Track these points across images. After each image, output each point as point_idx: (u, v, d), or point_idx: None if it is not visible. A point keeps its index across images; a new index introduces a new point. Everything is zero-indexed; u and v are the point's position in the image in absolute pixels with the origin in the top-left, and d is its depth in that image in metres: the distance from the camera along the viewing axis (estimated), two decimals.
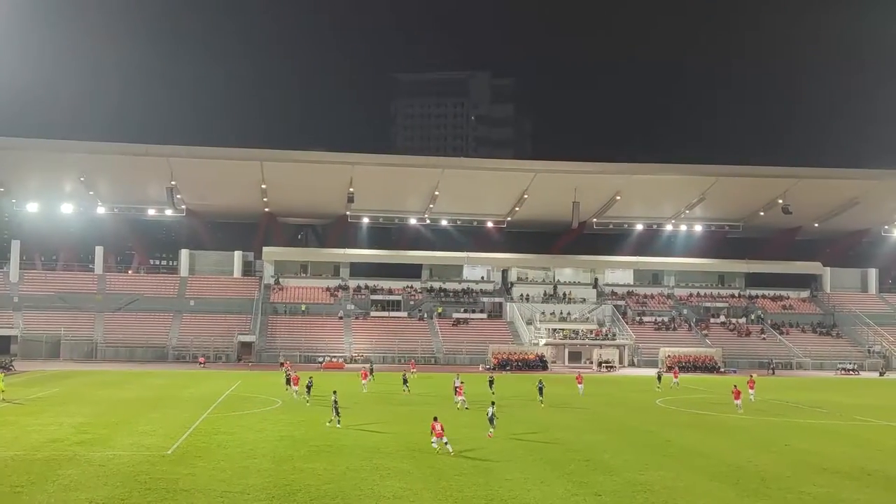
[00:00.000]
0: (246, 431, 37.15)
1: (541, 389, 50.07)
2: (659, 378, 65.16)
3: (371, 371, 64.12)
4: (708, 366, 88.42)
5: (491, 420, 36.98)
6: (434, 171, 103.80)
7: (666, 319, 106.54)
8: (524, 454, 32.82)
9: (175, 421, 40.22)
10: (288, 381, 53.75)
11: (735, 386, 50.35)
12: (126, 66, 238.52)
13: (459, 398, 47.97)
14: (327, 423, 38.76)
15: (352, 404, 47.55)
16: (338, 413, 39.18)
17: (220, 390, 55.48)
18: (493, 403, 38.79)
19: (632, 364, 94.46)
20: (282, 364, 73.25)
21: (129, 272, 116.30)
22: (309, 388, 49.79)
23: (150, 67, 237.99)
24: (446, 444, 32.12)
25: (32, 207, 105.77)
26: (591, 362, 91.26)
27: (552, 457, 32.32)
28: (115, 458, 30.24)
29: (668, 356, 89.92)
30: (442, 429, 32.53)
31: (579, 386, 57.50)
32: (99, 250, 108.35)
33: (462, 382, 50.11)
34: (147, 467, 28.67)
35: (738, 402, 48.32)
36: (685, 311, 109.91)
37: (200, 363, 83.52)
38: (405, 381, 57.00)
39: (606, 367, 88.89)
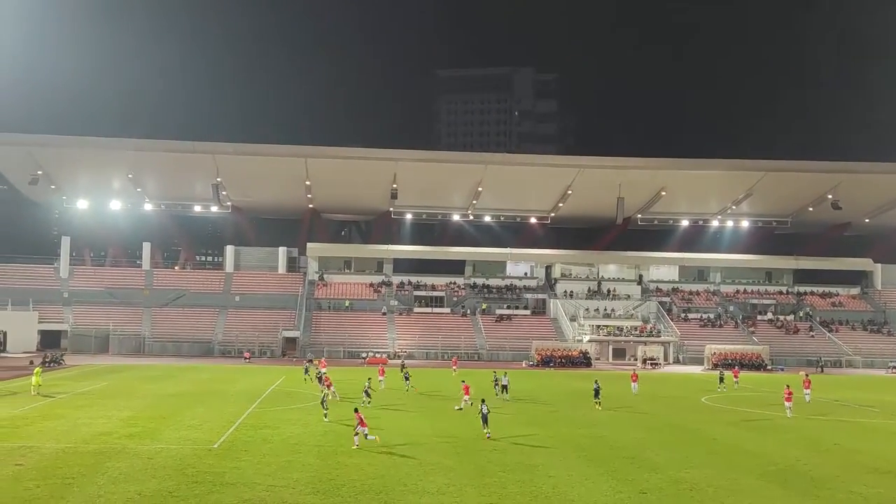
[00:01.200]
0: (290, 426, 37.42)
1: (597, 391, 46.97)
2: (721, 378, 61.74)
3: (403, 367, 63.81)
4: (755, 363, 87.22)
5: (484, 419, 35.52)
6: (477, 167, 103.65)
7: (712, 316, 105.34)
8: (568, 451, 32.66)
9: (221, 415, 40.64)
10: (320, 380, 51.63)
11: (787, 386, 46.52)
12: (172, 64, 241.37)
13: (466, 397, 44.86)
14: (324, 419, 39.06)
15: (395, 400, 47.74)
16: (369, 396, 41.25)
17: (264, 385, 55.96)
18: (483, 401, 37.00)
19: (677, 361, 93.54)
20: (310, 361, 70.98)
21: (176, 268, 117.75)
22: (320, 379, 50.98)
23: (195, 66, 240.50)
24: (367, 435, 32.37)
25: (82, 204, 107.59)
26: (636, 359, 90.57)
27: (596, 454, 32.13)
28: (162, 452, 30.64)
29: (714, 353, 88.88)
30: (362, 420, 32.71)
31: (633, 384, 55.49)
32: (146, 246, 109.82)
33: (465, 381, 48.43)
34: (194, 461, 29.00)
35: (789, 404, 44.57)
36: (731, 308, 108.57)
37: (245, 358, 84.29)
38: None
39: (651, 364, 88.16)
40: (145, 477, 26.40)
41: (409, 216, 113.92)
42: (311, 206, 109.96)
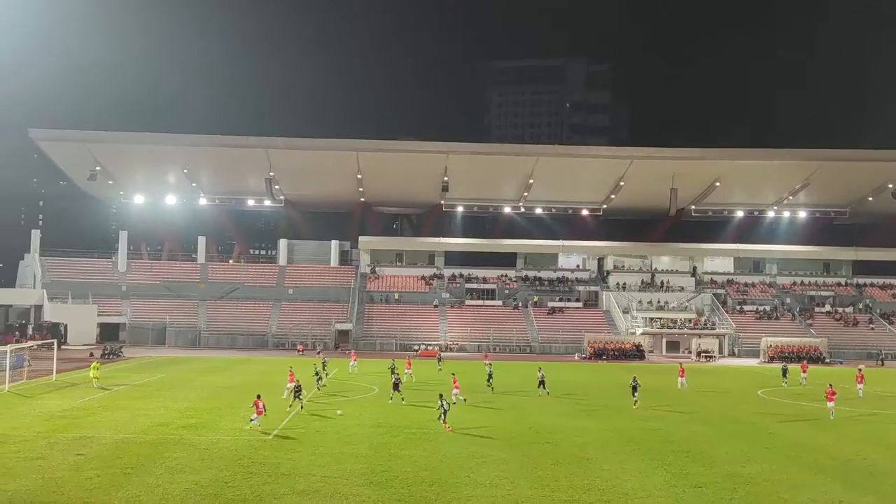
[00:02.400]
0: (343, 418, 37.69)
1: (634, 388, 44.44)
2: (784, 372, 59.35)
3: (440, 360, 63.37)
4: (812, 356, 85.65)
5: (444, 414, 35.16)
6: (528, 159, 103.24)
7: (768, 308, 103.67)
8: (621, 444, 32.45)
9: (275, 407, 41.04)
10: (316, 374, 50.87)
11: (830, 385, 42.95)
12: (225, 61, 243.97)
13: (455, 391, 43.84)
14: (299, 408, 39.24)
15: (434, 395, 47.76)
16: (398, 390, 42.33)
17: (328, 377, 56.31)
18: (441, 396, 36.54)
19: (732, 354, 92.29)
20: (319, 353, 72.38)
21: (231, 261, 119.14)
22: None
23: (248, 63, 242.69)
24: (253, 421, 33.78)
25: (139, 199, 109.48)
26: (690, 352, 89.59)
27: (650, 447, 31.87)
28: (218, 442, 31.08)
29: (771, 346, 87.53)
30: (264, 407, 34.18)
31: (680, 379, 53.95)
32: (201, 240, 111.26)
33: (454, 375, 48.14)
34: (249, 451, 29.38)
35: (832, 404, 41.23)
36: (788, 300, 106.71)
37: (299, 350, 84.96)
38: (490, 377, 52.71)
39: (706, 356, 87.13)
40: (202, 467, 26.82)
41: (460, 209, 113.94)
42: (362, 199, 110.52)
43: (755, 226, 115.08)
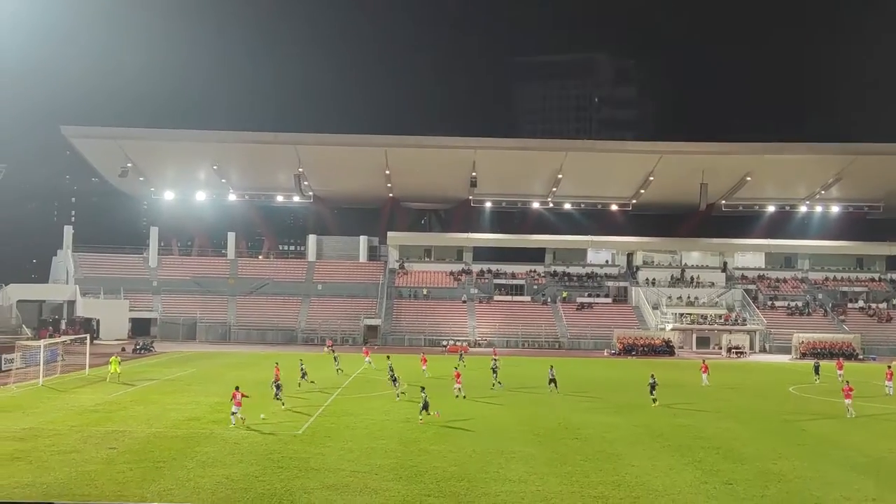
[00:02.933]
0: (373, 413, 37.79)
1: (653, 386, 43.19)
2: (816, 369, 57.82)
3: (461, 357, 63.26)
4: (845, 353, 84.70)
5: (425, 406, 35.51)
6: (557, 155, 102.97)
7: (800, 304, 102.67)
8: (651, 440, 32.29)
9: (305, 402, 41.26)
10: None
11: (847, 383, 41.91)
12: (253, 59, 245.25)
13: (457, 386, 44.18)
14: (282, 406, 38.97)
15: (474, 390, 47.82)
16: (396, 382, 42.46)
17: (347, 372, 56.58)
18: (422, 388, 37.25)
19: (763, 350, 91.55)
20: (330, 347, 75.11)
21: (260, 257, 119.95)
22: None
23: (275, 62, 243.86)
24: (234, 413, 33.84)
25: (169, 195, 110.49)
26: (720, 348, 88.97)
27: (680, 443, 31.69)
28: (248, 437, 31.29)
29: (803, 342, 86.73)
30: (241, 398, 34.14)
31: (703, 376, 53.22)
32: (231, 236, 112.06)
33: (458, 368, 47.94)
34: (279, 446, 29.54)
35: (849, 402, 39.75)
36: (820, 296, 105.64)
37: (328, 346, 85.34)
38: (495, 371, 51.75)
39: (736, 352, 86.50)
40: (232, 461, 27.01)
41: (488, 204, 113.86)
42: (390, 195, 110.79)
43: (787, 220, 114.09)
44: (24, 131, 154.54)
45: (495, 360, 55.48)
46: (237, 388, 35.10)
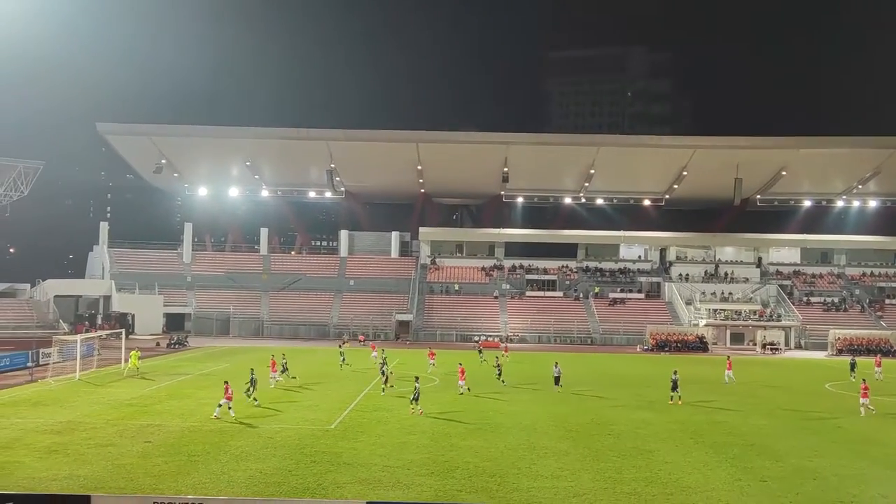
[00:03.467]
0: (404, 408, 37.81)
1: (675, 383, 41.96)
2: (852, 367, 56.43)
3: (481, 352, 62.57)
4: (882, 349, 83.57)
5: (415, 398, 36.43)
6: (590, 149, 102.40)
7: (836, 300, 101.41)
8: (685, 437, 32.06)
9: (337, 397, 41.45)
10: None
11: (864, 381, 41.19)
12: (285, 56, 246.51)
13: (461, 382, 43.72)
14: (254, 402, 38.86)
15: (499, 385, 47.79)
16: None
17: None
18: (416, 378, 38.69)
19: (798, 346, 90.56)
20: (345, 342, 74.73)
21: (292, 253, 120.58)
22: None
23: (308, 57, 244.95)
24: (221, 406, 34.32)
25: (203, 191, 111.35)
26: (755, 344, 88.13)
27: (714, 440, 31.44)
28: (281, 432, 31.47)
29: (839, 338, 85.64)
30: (232, 394, 34.63)
31: (728, 372, 52.16)
32: (264, 232, 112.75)
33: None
34: (312, 441, 29.68)
35: (865, 400, 38.75)
36: (857, 292, 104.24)
37: (360, 341, 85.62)
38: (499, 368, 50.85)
39: (771, 349, 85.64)
40: (265, 455, 27.19)
41: (520, 199, 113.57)
42: (422, 190, 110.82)
43: (823, 215, 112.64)
44: (61, 129, 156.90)
45: (502, 356, 55.23)
46: (226, 383, 35.85)
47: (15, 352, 55.75)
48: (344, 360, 57.02)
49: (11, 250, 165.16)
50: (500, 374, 49.48)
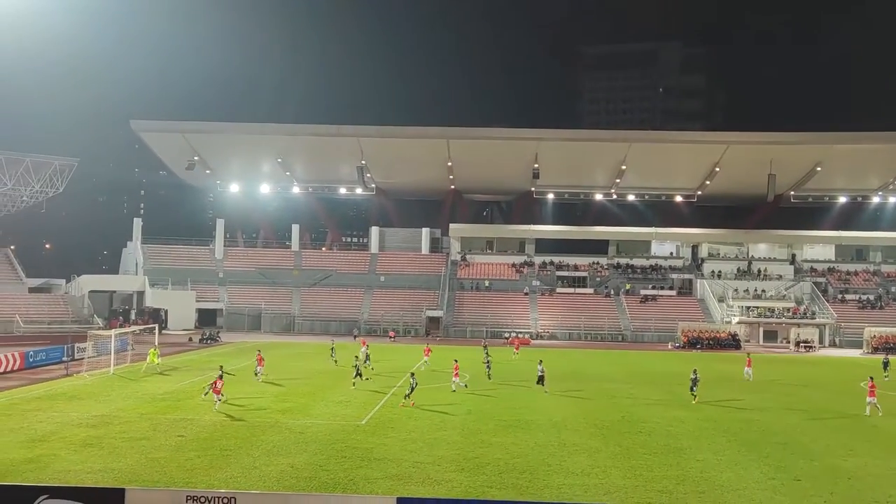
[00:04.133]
0: (435, 404, 37.89)
1: (694, 382, 41.26)
2: (885, 365, 55.62)
3: (485, 348, 61.94)
4: None
5: (412, 390, 37.54)
6: (621, 146, 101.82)
7: (871, 298, 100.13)
8: (717, 435, 31.83)
9: (368, 392, 41.56)
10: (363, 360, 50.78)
11: (871, 378, 40.07)
12: (317, 52, 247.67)
13: (455, 379, 43.22)
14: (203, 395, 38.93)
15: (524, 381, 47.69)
16: (360, 374, 42.29)
17: (409, 364, 56.77)
18: (412, 374, 39.05)
19: (833, 344, 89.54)
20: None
21: (323, 249, 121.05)
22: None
23: (339, 56, 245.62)
24: (218, 401, 35.20)
25: (234, 188, 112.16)
26: (788, 342, 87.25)
27: (747, 438, 31.18)
28: (312, 427, 31.62)
29: (874, 336, 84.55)
30: (221, 387, 35.36)
31: (747, 369, 51.10)
32: (295, 228, 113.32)
33: (456, 361, 47.01)
34: (343, 436, 29.81)
35: (872, 399, 37.99)
36: (893, 289, 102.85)
37: (390, 337, 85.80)
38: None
39: (805, 346, 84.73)
40: (297, 450, 27.35)
41: (550, 196, 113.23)
42: (452, 186, 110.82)
43: (858, 212, 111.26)
44: (96, 126, 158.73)
45: (513, 354, 54.65)
46: (220, 377, 36.48)
47: (51, 346, 56.59)
48: (333, 353, 56.82)
49: (47, 246, 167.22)
50: (489, 369, 49.48)
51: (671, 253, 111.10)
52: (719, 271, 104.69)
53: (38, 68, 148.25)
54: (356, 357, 50.25)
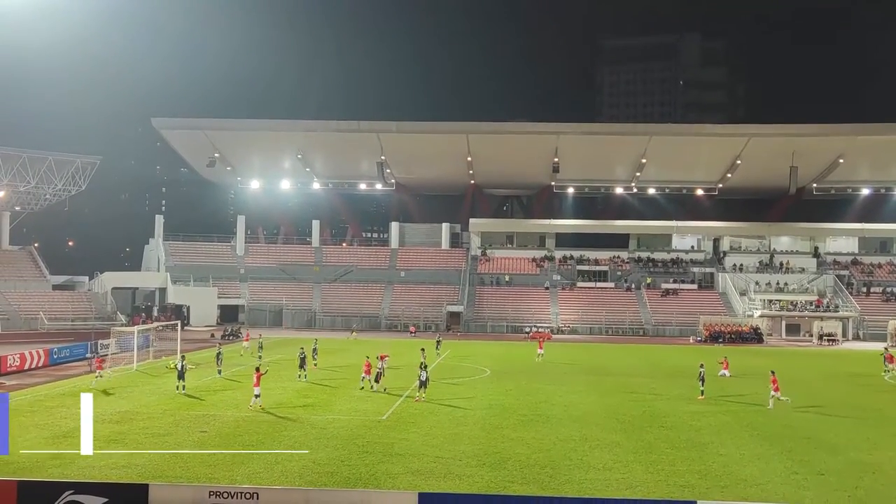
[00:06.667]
0: (456, 399, 37.93)
1: (701, 377, 40.55)
2: None
3: (438, 345, 60.30)
4: None
5: (423, 384, 37.64)
6: (641, 139, 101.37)
7: (895, 290, 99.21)
8: (739, 429, 31.69)
9: (390, 387, 41.58)
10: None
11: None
12: (336, 48, 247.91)
13: (364, 375, 41.52)
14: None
15: (556, 375, 47.59)
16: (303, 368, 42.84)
17: (430, 359, 56.71)
18: (425, 367, 39.19)
19: (856, 338, 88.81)
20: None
21: (344, 244, 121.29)
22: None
23: (358, 52, 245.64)
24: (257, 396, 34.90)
25: (255, 184, 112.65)
26: (811, 335, 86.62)
27: (769, 432, 31.01)
28: (334, 422, 31.73)
29: None
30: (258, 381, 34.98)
31: (724, 371, 48.87)
32: (315, 224, 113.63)
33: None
34: (364, 431, 29.90)
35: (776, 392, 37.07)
36: None
37: (411, 332, 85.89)
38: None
39: (828, 340, 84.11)
40: (319, 446, 27.45)
41: (570, 190, 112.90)
42: (472, 181, 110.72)
43: (882, 204, 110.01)
44: (118, 124, 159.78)
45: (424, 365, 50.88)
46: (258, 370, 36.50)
47: (75, 343, 57.09)
48: (315, 352, 54.00)
49: (70, 244, 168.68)
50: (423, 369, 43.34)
51: (692, 246, 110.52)
52: (741, 264, 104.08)
53: (60, 67, 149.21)
54: (313, 352, 50.08)
